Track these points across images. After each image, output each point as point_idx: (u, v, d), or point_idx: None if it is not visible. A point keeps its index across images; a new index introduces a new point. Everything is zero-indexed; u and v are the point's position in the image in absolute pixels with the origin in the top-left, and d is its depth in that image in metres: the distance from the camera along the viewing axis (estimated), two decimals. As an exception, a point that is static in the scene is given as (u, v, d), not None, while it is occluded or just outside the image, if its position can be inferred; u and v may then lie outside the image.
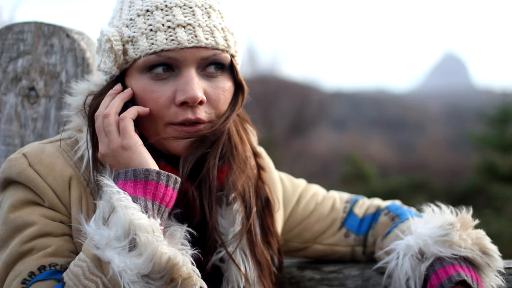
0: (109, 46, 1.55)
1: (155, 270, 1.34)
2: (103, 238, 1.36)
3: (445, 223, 1.69)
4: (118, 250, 1.35)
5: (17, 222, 1.51)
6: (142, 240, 1.34)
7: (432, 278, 1.63)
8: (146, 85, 1.55)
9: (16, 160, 1.57)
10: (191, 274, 1.37)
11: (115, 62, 1.56)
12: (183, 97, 1.53)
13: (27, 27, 2.03)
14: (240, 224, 1.65)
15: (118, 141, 1.50)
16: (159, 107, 1.55)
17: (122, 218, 1.36)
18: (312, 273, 1.97)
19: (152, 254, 1.34)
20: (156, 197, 1.45)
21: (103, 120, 1.53)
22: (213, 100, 1.58)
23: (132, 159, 1.48)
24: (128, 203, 1.39)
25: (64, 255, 1.50)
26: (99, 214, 1.41)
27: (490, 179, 12.97)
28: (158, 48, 1.52)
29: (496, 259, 1.68)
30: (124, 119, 1.52)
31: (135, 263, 1.33)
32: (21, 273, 1.45)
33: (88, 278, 1.35)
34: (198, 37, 1.53)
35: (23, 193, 1.54)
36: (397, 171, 21.29)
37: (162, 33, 1.53)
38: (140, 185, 1.44)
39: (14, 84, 2.01)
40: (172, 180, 1.48)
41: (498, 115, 13.77)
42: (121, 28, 1.58)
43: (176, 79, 1.55)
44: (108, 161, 1.52)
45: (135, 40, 1.55)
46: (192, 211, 1.60)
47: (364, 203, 1.98)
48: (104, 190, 1.43)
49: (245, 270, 1.64)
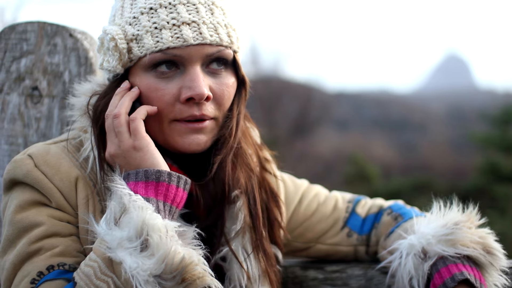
0: (113, 44, 1.55)
1: (167, 271, 1.34)
2: (115, 239, 1.37)
3: (450, 222, 1.69)
4: (130, 251, 1.35)
5: (24, 223, 1.51)
6: (155, 240, 1.35)
7: (435, 277, 1.63)
8: (151, 83, 1.56)
9: (22, 161, 1.58)
10: (204, 274, 1.38)
11: (119, 60, 1.56)
12: (189, 94, 1.53)
13: (30, 26, 2.03)
14: (242, 222, 1.65)
15: (129, 142, 1.50)
16: (164, 104, 1.55)
17: (135, 218, 1.36)
18: (315, 272, 1.97)
19: (164, 255, 1.34)
20: (168, 198, 1.46)
21: (113, 121, 1.52)
22: (218, 97, 1.59)
23: (144, 160, 1.49)
24: (142, 204, 1.39)
25: (72, 255, 1.50)
26: (110, 215, 1.41)
27: (493, 180, 12.94)
28: (164, 46, 1.53)
29: (500, 258, 1.68)
30: (135, 119, 1.52)
31: (147, 264, 1.34)
32: (30, 273, 1.46)
33: (100, 279, 1.36)
34: (203, 34, 1.54)
35: (30, 194, 1.55)
36: (399, 171, 21.27)
37: (167, 30, 1.53)
38: (151, 186, 1.45)
39: (17, 83, 2.01)
40: (182, 181, 1.49)
41: (501, 115, 13.75)
42: (124, 26, 1.57)
43: (181, 76, 1.55)
44: (117, 162, 1.52)
45: (139, 38, 1.55)
46: (196, 210, 1.60)
47: (367, 203, 1.98)
48: (114, 190, 1.43)
49: (247, 268, 1.64)
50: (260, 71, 23.22)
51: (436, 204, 1.76)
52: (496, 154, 13.68)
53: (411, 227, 1.76)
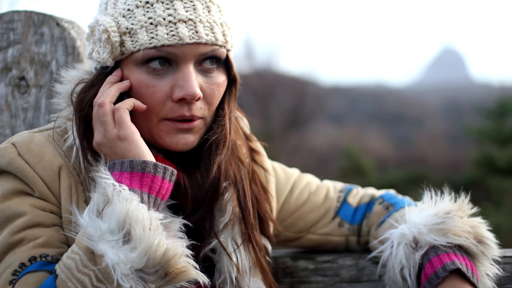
0: (105, 37, 1.51)
1: (149, 265, 1.32)
2: (97, 231, 1.34)
3: (441, 211, 1.67)
4: (112, 244, 1.33)
5: (7, 213, 1.49)
6: (137, 233, 1.33)
7: (427, 267, 1.62)
8: (143, 79, 1.53)
9: (5, 149, 1.55)
10: (187, 268, 1.36)
11: (111, 53, 1.53)
12: (181, 94, 1.51)
13: (17, 16, 2.00)
14: (231, 213, 1.63)
15: (114, 132, 1.48)
16: (155, 102, 1.53)
17: (118, 210, 1.34)
18: (306, 263, 1.96)
19: (147, 248, 1.32)
20: (153, 189, 1.43)
21: (98, 110, 1.50)
22: (207, 96, 1.57)
23: (129, 150, 1.46)
24: (127, 195, 1.37)
25: (55, 245, 1.48)
26: (93, 206, 1.39)
27: (488, 173, 12.98)
28: (159, 43, 1.49)
29: (492, 247, 1.66)
30: (119, 109, 1.49)
31: (129, 257, 1.32)
32: (12, 264, 1.43)
33: (81, 271, 1.33)
34: (199, 33, 1.51)
35: (13, 183, 1.52)
36: (395, 165, 21.31)
37: (163, 27, 1.50)
38: (136, 177, 1.43)
39: (4, 74, 1.99)
40: (168, 172, 1.46)
41: (496, 108, 13.77)
42: (118, 18, 1.54)
43: (173, 74, 1.53)
44: (103, 151, 1.49)
45: (133, 32, 1.52)
46: (183, 201, 1.58)
47: (358, 193, 1.96)
48: (99, 181, 1.41)
49: (236, 260, 1.62)
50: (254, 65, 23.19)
51: (427, 194, 1.75)
52: (491, 147, 13.71)
53: (402, 216, 1.75)
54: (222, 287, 1.61)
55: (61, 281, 1.34)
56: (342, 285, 1.92)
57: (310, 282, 1.95)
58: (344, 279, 1.92)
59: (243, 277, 1.62)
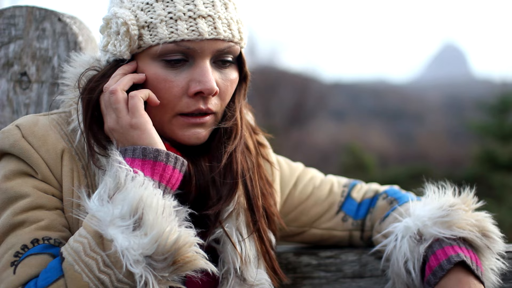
0: (124, 30, 1.51)
1: (159, 252, 1.32)
2: (107, 215, 1.35)
3: (445, 204, 1.67)
4: (122, 229, 1.33)
5: (9, 193, 1.48)
6: (150, 219, 1.33)
7: (431, 259, 1.61)
8: (159, 73, 1.53)
9: (10, 131, 1.55)
10: (196, 257, 1.36)
11: (128, 46, 1.53)
12: (199, 88, 1.52)
13: (18, 11, 2.00)
14: (236, 203, 1.62)
15: (127, 119, 1.48)
16: (172, 96, 1.53)
17: (131, 195, 1.35)
18: (308, 258, 1.95)
19: (158, 235, 1.32)
20: (163, 178, 1.45)
21: (110, 96, 1.50)
22: (222, 92, 1.59)
23: (141, 139, 1.47)
24: (142, 181, 1.38)
25: (57, 229, 1.48)
26: (104, 190, 1.39)
27: (490, 168, 12.97)
28: (179, 37, 1.50)
29: (497, 241, 1.66)
30: (134, 97, 1.50)
31: (139, 243, 1.32)
32: (14, 245, 1.43)
33: (89, 255, 1.33)
34: (218, 29, 1.52)
35: (16, 164, 1.52)
36: (396, 161, 21.31)
37: (183, 22, 1.50)
38: (148, 165, 1.44)
39: (6, 69, 1.98)
40: (179, 162, 1.48)
41: (498, 104, 13.76)
42: (136, 11, 1.54)
43: (190, 69, 1.54)
44: (115, 136, 1.50)
45: (152, 26, 1.52)
46: (186, 188, 1.57)
47: (362, 188, 1.96)
48: (112, 165, 1.42)
49: (240, 250, 1.61)
50: (256, 61, 23.17)
51: (430, 188, 1.74)
52: (493, 143, 13.70)
53: (406, 210, 1.75)
54: (226, 277, 1.60)
55: (67, 264, 1.34)
56: (345, 281, 1.92)
57: (313, 278, 1.94)
58: (347, 274, 1.92)
59: (247, 268, 1.62)
